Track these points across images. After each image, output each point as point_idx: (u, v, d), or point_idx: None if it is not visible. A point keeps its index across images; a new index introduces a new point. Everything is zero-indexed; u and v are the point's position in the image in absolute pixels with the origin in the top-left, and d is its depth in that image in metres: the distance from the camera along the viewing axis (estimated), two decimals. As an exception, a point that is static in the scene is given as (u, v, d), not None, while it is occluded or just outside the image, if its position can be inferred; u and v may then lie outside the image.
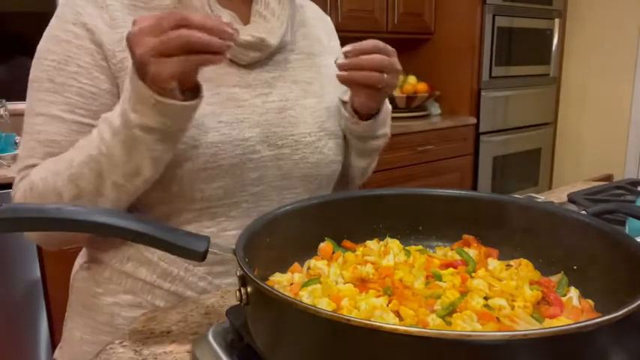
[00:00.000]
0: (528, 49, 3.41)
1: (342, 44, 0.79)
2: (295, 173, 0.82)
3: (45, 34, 0.76)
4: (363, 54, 0.74)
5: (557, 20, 3.54)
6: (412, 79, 3.17)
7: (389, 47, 0.76)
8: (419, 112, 3.16)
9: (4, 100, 2.07)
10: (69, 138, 0.73)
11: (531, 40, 3.41)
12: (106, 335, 0.79)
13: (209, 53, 0.60)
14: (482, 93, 3.19)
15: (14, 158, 1.82)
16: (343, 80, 0.76)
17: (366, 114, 0.85)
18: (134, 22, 0.61)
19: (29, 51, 0.78)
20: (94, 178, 0.68)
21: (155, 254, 0.76)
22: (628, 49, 3.51)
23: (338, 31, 1.02)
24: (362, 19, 2.86)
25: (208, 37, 0.58)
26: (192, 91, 0.66)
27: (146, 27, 0.59)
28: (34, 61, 0.76)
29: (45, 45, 0.75)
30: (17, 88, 0.80)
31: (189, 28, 0.58)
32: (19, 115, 0.99)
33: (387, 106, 0.90)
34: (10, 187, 0.79)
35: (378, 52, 0.75)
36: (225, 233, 0.78)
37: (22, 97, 0.78)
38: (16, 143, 1.93)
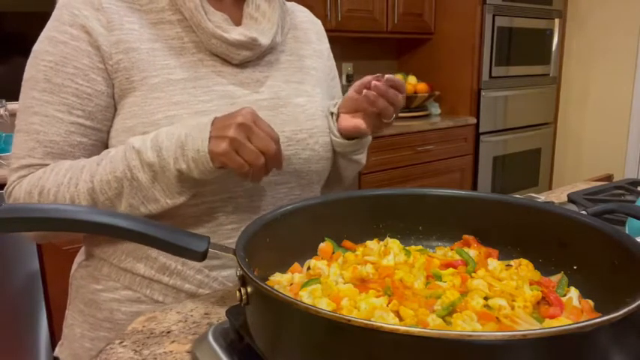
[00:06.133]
0: (528, 49, 3.41)
1: (342, 44, 0.79)
2: (287, 169, 0.83)
3: (41, 35, 0.77)
4: (392, 87, 0.78)
5: (557, 20, 3.54)
6: (412, 79, 3.16)
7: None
8: (419, 112, 3.16)
9: (4, 101, 2.07)
10: (67, 139, 0.75)
11: (531, 40, 3.41)
12: (106, 331, 0.80)
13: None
14: (482, 93, 3.19)
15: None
16: (371, 102, 0.78)
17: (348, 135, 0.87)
18: (246, 114, 0.68)
19: (29, 51, 0.78)
20: (113, 196, 0.72)
21: (154, 249, 0.77)
22: (628, 49, 3.51)
23: (338, 31, 1.02)
24: (362, 19, 2.85)
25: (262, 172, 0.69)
26: None
27: (268, 147, 0.68)
28: (30, 61, 0.77)
29: (41, 46, 0.76)
30: (17, 88, 0.80)
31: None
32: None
33: (368, 137, 0.93)
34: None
35: (399, 90, 0.79)
36: (222, 228, 0.79)
37: (22, 98, 0.78)
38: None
